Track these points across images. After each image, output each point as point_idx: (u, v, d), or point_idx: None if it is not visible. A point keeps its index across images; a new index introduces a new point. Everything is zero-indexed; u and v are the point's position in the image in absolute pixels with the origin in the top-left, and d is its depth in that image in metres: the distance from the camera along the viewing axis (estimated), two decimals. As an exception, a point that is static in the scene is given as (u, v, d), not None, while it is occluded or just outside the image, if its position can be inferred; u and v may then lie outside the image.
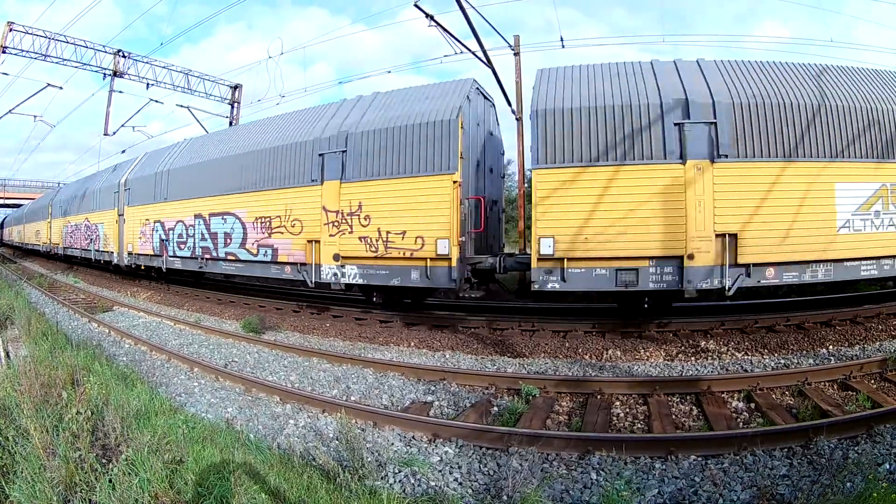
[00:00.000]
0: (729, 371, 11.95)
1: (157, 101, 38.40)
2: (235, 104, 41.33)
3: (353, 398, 11.24)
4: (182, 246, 24.23)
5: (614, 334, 14.83)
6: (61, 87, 37.27)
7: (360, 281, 17.44)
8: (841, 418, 8.28)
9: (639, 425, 9.45)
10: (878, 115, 13.93)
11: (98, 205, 33.19)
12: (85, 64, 34.01)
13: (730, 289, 13.56)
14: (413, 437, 9.00)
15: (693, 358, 12.99)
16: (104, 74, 35.01)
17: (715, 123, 13.80)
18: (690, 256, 13.64)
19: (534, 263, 14.51)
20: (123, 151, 40.64)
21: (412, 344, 15.56)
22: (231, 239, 21.47)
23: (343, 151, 17.74)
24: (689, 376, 11.54)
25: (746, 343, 13.35)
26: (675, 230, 13.75)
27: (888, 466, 6.89)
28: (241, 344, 16.28)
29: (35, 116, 43.18)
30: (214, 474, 6.24)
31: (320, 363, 13.85)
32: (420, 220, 16.02)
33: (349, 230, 17.42)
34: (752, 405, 9.84)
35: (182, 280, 29.15)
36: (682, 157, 13.89)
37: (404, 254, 16.28)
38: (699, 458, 7.65)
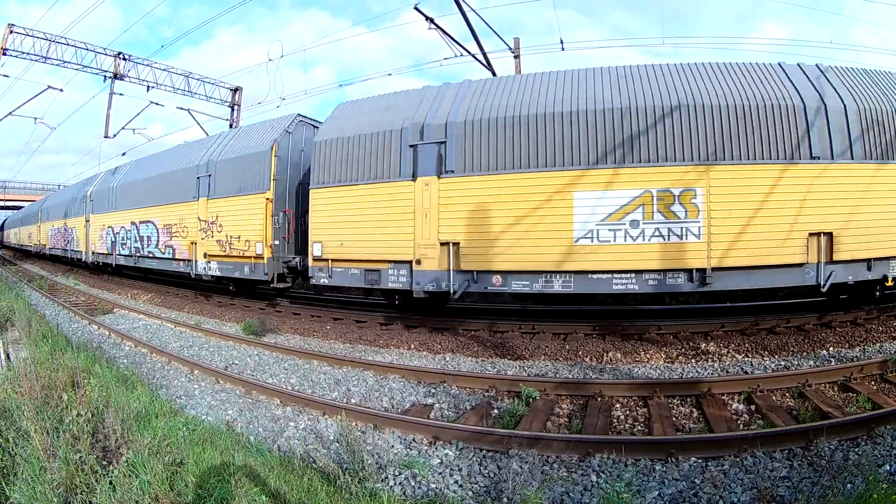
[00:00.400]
0: (729, 373, 11.95)
1: (157, 104, 38.45)
2: (236, 107, 41.34)
3: (353, 401, 11.23)
4: (124, 246, 30.77)
5: (615, 336, 14.82)
6: (62, 90, 37.35)
7: (219, 273, 22.95)
8: (841, 420, 8.28)
9: (639, 427, 9.44)
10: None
11: (73, 212, 39.60)
12: (85, 66, 34.03)
13: (455, 293, 15.42)
14: (413, 439, 8.99)
15: (693, 360, 12.98)
16: (104, 77, 35.04)
17: (444, 143, 15.75)
18: (418, 261, 16.03)
19: (310, 263, 18.54)
20: (124, 154, 40.81)
21: (412, 346, 15.54)
22: (151, 241, 27.73)
23: (209, 175, 23.28)
24: (689, 378, 11.54)
25: (747, 345, 13.35)
26: (406, 238, 16.26)
27: (888, 468, 6.89)
28: (242, 346, 16.26)
29: (35, 119, 43.33)
30: (215, 476, 6.25)
31: (321, 366, 13.84)
32: (247, 228, 21.19)
33: (212, 235, 22.88)
34: (753, 407, 9.84)
35: (128, 274, 34.99)
36: (414, 175, 16.18)
37: (240, 253, 21.47)
38: (699, 460, 7.65)
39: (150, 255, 27.60)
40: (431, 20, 23.04)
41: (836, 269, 13.47)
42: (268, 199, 20.22)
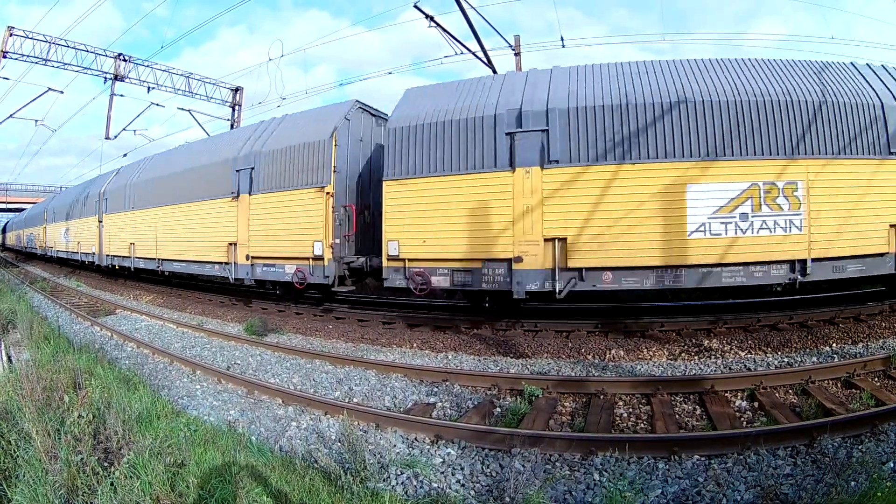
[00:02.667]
0: (732, 370, 11.93)
1: (158, 105, 38.46)
2: (237, 107, 41.36)
3: (355, 400, 11.23)
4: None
5: (617, 334, 14.81)
6: (62, 92, 37.34)
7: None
8: (845, 417, 8.25)
9: (642, 425, 9.43)
10: None
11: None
12: (86, 68, 34.04)
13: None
14: (415, 438, 8.99)
15: (696, 357, 12.96)
16: (105, 78, 35.04)
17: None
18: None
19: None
20: (125, 155, 40.73)
21: (415, 345, 15.56)
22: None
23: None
24: (692, 376, 11.51)
25: (749, 342, 13.32)
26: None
27: (892, 465, 6.87)
28: (244, 346, 16.30)
29: (36, 121, 43.33)
30: (217, 477, 6.24)
31: (323, 365, 13.84)
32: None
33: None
34: (756, 404, 9.82)
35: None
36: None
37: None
38: (703, 458, 7.64)
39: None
40: (431, 18, 23.02)
41: None
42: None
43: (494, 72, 23.99)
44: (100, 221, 33.34)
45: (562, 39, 25.36)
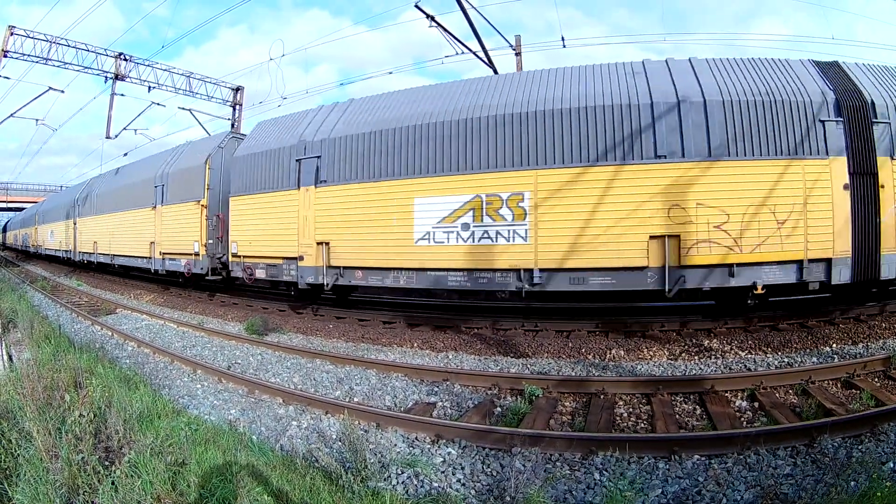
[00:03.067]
0: (732, 370, 11.94)
1: (158, 104, 38.43)
2: (237, 106, 41.33)
3: (356, 399, 11.24)
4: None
5: (617, 334, 14.83)
6: (63, 91, 37.30)
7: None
8: (845, 417, 8.26)
9: (642, 425, 9.44)
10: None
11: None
12: (86, 67, 34.00)
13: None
14: (416, 438, 9.00)
15: (696, 357, 12.97)
16: (106, 78, 35.01)
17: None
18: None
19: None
20: (126, 154, 40.87)
21: (415, 345, 15.59)
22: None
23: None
24: (692, 375, 11.53)
25: (750, 342, 13.34)
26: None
27: (892, 465, 6.87)
28: (245, 346, 16.33)
29: (37, 120, 43.34)
30: (217, 476, 6.24)
31: (323, 364, 13.86)
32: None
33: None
34: (756, 404, 9.83)
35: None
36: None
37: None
38: (703, 458, 7.64)
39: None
40: (432, 18, 23.03)
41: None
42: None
43: (495, 71, 23.99)
44: (74, 224, 40.00)
45: (562, 39, 25.36)
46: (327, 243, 18.29)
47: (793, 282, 13.94)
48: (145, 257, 28.26)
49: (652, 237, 14.04)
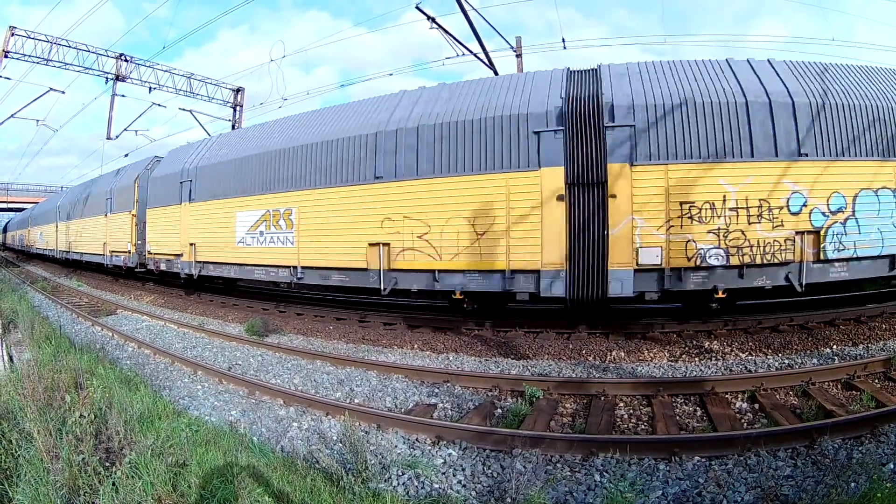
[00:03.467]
0: (733, 372, 11.94)
1: (159, 105, 38.51)
2: (238, 107, 41.39)
3: (356, 401, 11.26)
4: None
5: (618, 335, 14.81)
6: (63, 92, 37.37)
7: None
8: (845, 418, 8.27)
9: (643, 427, 9.44)
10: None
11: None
12: (87, 68, 34.06)
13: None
14: (417, 439, 9.01)
15: (697, 359, 12.96)
16: (106, 78, 35.07)
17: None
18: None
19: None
20: (126, 155, 40.95)
21: (416, 346, 15.58)
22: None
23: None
24: (692, 377, 11.53)
25: (750, 343, 13.33)
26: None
27: (892, 466, 6.87)
28: (245, 347, 16.34)
29: (38, 121, 43.38)
30: (218, 477, 6.24)
31: (324, 366, 13.87)
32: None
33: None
34: (756, 406, 9.83)
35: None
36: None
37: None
38: (703, 460, 7.64)
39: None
40: (433, 19, 23.04)
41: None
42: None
43: (496, 73, 24.01)
44: (56, 227, 46.41)
45: (563, 41, 25.38)
46: (194, 244, 24.09)
47: (497, 291, 15.24)
48: (101, 254, 34.34)
49: (370, 244, 16.97)
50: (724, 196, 13.55)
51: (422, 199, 15.99)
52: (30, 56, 32.12)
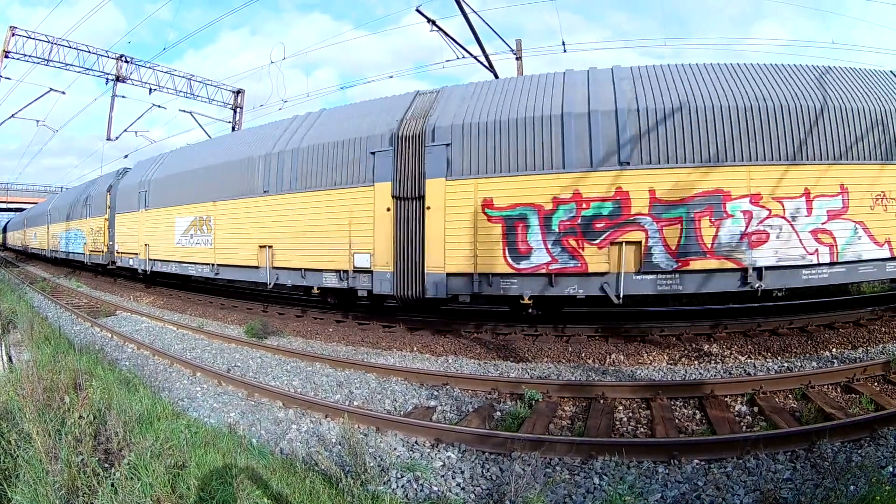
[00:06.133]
0: (732, 375, 11.93)
1: (159, 107, 38.55)
2: (238, 109, 41.41)
3: (355, 403, 11.24)
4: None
5: (617, 338, 14.80)
6: (64, 92, 37.43)
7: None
8: (844, 421, 8.26)
9: (642, 430, 9.43)
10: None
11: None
12: (88, 69, 34.09)
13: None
14: (416, 442, 9.00)
15: (696, 362, 12.96)
16: (107, 79, 35.09)
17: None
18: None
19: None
20: (126, 156, 41.05)
21: (415, 349, 15.52)
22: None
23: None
24: (692, 380, 11.54)
25: (749, 346, 13.32)
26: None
27: (892, 469, 6.87)
28: (244, 349, 16.33)
29: (38, 121, 43.40)
30: (217, 479, 6.24)
31: (323, 368, 13.87)
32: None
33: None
34: (756, 409, 9.82)
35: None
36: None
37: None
38: (702, 463, 7.64)
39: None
40: (433, 22, 23.04)
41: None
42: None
43: (496, 75, 24.04)
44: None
45: (563, 44, 25.40)
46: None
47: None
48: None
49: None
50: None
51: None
52: (30, 56, 32.18)
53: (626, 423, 9.76)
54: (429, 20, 22.99)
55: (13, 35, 31.56)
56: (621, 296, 13.81)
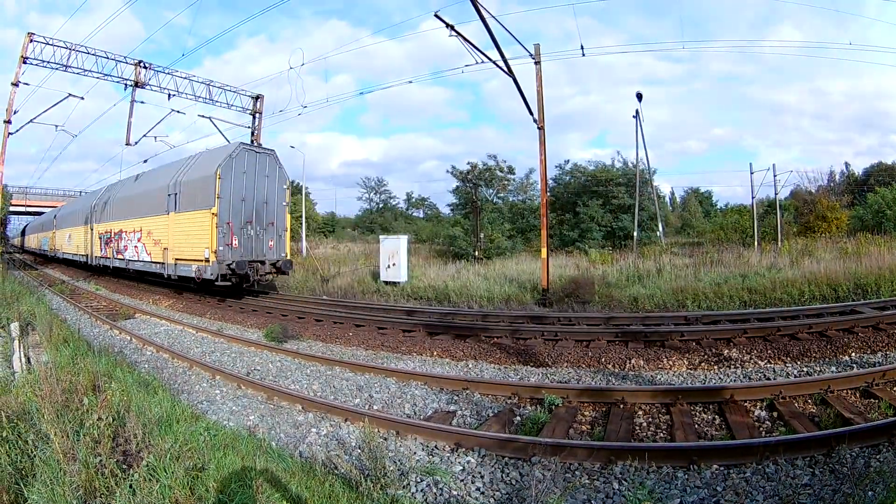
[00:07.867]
0: (752, 379, 11.89)
1: (178, 112, 38.61)
2: (257, 115, 41.50)
3: (375, 407, 11.25)
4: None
5: (637, 343, 14.77)
6: (83, 98, 37.57)
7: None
8: (863, 426, 8.20)
9: (661, 435, 9.40)
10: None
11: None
12: (106, 74, 34.19)
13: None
14: (436, 446, 8.99)
15: (716, 366, 12.92)
16: (125, 85, 35.22)
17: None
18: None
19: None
20: (146, 161, 41.10)
21: (435, 353, 15.52)
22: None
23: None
24: (711, 385, 11.45)
25: (769, 351, 13.27)
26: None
27: (912, 475, 6.83)
28: (264, 353, 16.37)
29: (57, 126, 43.54)
30: (236, 482, 6.25)
31: (343, 372, 13.88)
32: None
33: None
34: (775, 414, 9.76)
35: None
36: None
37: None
38: (721, 468, 7.60)
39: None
40: (452, 27, 23.03)
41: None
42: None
43: (515, 82, 24.05)
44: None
45: (582, 48, 25.42)
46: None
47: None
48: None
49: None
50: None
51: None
52: (48, 62, 32.30)
53: (645, 428, 9.73)
54: (447, 25, 22.98)
55: (31, 41, 31.76)
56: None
